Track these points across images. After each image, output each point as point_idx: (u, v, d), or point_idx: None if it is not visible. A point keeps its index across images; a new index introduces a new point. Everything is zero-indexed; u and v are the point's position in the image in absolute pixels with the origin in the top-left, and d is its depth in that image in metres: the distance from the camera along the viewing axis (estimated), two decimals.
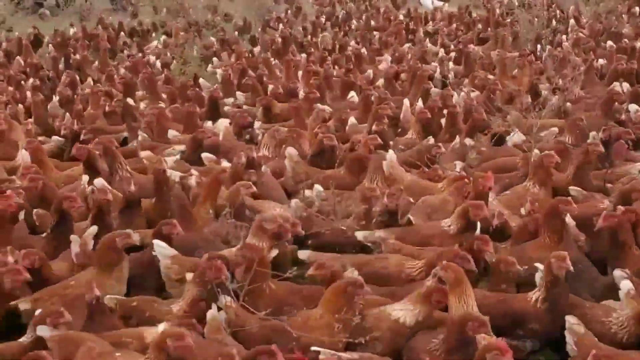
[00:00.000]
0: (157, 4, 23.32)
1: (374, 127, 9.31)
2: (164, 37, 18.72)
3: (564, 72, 12.15)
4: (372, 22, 20.43)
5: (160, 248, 6.04)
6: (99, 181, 7.39)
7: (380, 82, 12.80)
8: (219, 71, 13.98)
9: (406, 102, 10.53)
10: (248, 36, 19.38)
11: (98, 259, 5.94)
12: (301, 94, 11.76)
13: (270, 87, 12.70)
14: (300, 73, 13.55)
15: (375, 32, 18.85)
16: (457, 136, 9.20)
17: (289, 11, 23.24)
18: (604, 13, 20.22)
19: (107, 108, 11.12)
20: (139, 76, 13.20)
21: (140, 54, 16.98)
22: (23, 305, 5.62)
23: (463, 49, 15.20)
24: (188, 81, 13.21)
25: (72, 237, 6.33)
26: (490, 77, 12.47)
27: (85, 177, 7.80)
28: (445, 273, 5.18)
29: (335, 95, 12.17)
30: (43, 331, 4.90)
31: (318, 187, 7.61)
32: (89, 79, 14.26)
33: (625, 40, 15.06)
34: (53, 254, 6.41)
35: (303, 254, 6.37)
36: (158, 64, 15.54)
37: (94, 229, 6.42)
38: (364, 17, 21.41)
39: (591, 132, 8.97)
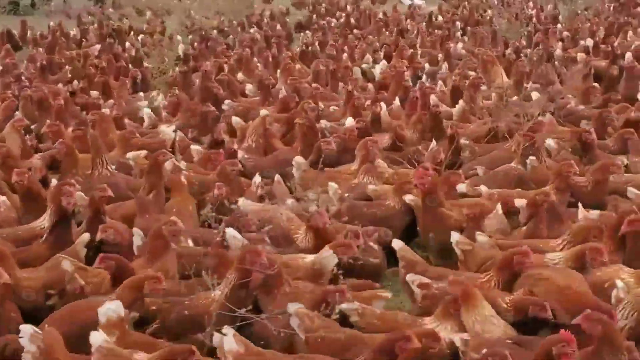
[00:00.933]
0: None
1: (354, 124, 9.26)
2: (141, 36, 18.56)
3: (542, 67, 12.21)
4: (352, 20, 20.39)
5: (233, 238, 6.03)
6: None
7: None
8: None
9: (383, 105, 10.40)
10: (230, 37, 19.25)
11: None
12: (282, 92, 11.67)
13: (250, 87, 12.62)
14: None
15: (355, 30, 18.83)
16: (433, 139, 9.10)
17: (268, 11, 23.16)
18: (581, 11, 20.40)
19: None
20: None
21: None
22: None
23: (443, 46, 15.21)
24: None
25: (135, 230, 6.27)
26: (472, 73, 12.44)
27: (54, 181, 7.66)
28: (452, 287, 5.14)
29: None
30: (95, 338, 4.53)
31: (333, 184, 7.53)
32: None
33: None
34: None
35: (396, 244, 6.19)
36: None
37: (86, 236, 6.21)
38: (343, 15, 21.41)
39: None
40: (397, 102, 11.00)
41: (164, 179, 7.51)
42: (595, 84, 11.88)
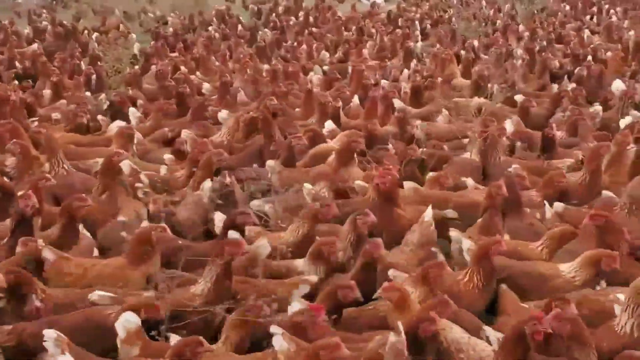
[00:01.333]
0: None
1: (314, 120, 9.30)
2: (96, 34, 18.20)
3: (505, 65, 12.24)
4: (311, 19, 20.25)
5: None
6: None
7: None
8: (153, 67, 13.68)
9: (339, 103, 10.36)
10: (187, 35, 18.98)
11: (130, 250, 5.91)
12: (241, 95, 11.49)
13: (206, 86, 12.43)
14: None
15: (314, 29, 18.73)
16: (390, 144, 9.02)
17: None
18: (537, 11, 20.57)
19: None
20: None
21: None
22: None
23: (403, 45, 15.17)
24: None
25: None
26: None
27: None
28: (387, 293, 5.17)
29: None
30: None
31: (307, 185, 7.47)
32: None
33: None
34: None
35: None
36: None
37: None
38: (301, 13, 21.28)
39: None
40: (356, 100, 10.93)
41: (117, 179, 7.36)
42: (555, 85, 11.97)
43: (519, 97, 10.87)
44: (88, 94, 11.96)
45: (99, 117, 10.15)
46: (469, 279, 5.65)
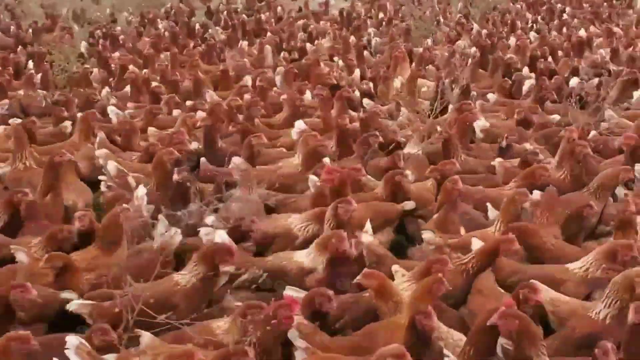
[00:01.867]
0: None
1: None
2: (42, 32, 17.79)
3: (452, 64, 12.26)
4: (262, 17, 20.05)
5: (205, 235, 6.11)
6: None
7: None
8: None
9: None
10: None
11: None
12: (209, 96, 11.23)
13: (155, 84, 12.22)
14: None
15: (266, 27, 18.57)
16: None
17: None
18: (490, 10, 20.71)
19: None
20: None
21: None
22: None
23: (357, 43, 15.09)
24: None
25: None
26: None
27: None
28: (366, 280, 5.25)
29: None
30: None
31: (313, 177, 7.36)
32: None
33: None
34: None
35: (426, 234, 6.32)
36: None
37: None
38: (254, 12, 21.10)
39: None
40: (308, 96, 10.80)
41: (60, 180, 7.21)
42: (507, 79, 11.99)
43: (491, 96, 10.93)
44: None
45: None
46: (466, 263, 5.70)
